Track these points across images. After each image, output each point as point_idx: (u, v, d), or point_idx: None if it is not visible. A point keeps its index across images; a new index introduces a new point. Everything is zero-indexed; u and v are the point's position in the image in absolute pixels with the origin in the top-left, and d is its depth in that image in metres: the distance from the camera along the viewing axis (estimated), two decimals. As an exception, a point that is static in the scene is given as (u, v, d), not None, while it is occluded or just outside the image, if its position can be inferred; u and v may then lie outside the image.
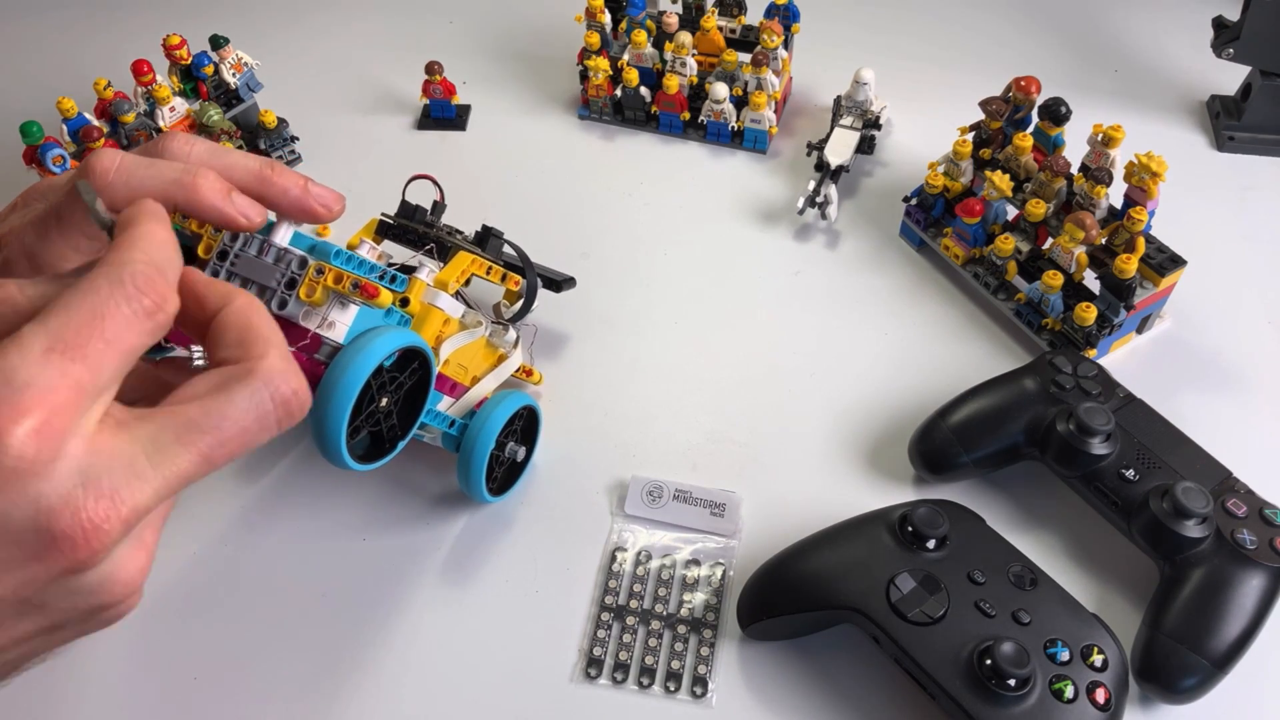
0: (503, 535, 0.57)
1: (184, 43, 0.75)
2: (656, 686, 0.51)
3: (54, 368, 0.27)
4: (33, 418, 0.27)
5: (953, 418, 0.57)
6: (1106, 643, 0.47)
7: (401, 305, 0.47)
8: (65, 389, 0.27)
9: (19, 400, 0.27)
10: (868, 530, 0.51)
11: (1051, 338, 0.63)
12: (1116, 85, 0.84)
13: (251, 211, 0.37)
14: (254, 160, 0.39)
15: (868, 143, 0.76)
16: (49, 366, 0.27)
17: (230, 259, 0.41)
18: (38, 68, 0.89)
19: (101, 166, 0.35)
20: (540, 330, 0.66)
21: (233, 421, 0.30)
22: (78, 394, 0.28)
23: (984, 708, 0.44)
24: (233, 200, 0.37)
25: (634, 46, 0.78)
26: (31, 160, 0.69)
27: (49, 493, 0.27)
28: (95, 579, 0.29)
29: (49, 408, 0.27)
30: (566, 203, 0.76)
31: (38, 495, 0.27)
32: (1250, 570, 0.49)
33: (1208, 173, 0.76)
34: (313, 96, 0.84)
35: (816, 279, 0.70)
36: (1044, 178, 0.64)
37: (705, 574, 0.55)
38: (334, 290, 0.40)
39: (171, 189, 0.36)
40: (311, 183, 0.39)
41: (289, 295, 0.40)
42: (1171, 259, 0.61)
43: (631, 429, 0.61)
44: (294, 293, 0.39)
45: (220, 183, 0.37)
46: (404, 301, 0.47)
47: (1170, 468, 0.53)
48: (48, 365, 0.27)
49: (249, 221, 0.37)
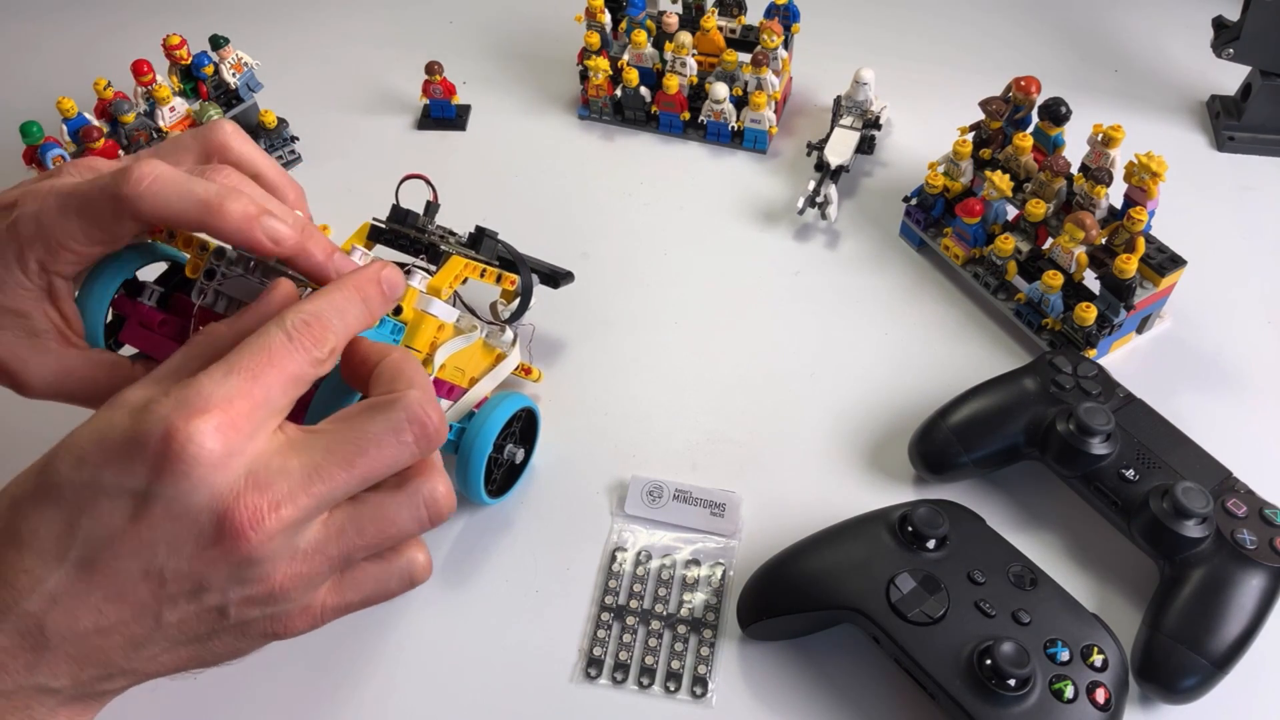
0: (502, 536, 0.57)
1: (184, 43, 0.75)
2: (656, 686, 0.51)
3: (232, 384, 0.33)
4: (214, 418, 0.32)
5: (953, 418, 0.57)
6: (1106, 643, 0.47)
7: (394, 313, 0.47)
8: (241, 400, 0.33)
9: (204, 404, 0.32)
10: (868, 530, 0.51)
11: (1051, 338, 0.63)
12: (1116, 85, 0.84)
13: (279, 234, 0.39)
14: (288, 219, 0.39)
15: (868, 143, 0.76)
16: (228, 383, 0.33)
17: (218, 278, 0.41)
18: (38, 68, 0.89)
19: (137, 175, 0.37)
20: (539, 331, 0.66)
21: (372, 438, 0.35)
22: (251, 406, 0.33)
23: (984, 708, 0.44)
24: (260, 223, 0.38)
25: (634, 46, 0.78)
26: (31, 160, 0.69)
27: (222, 483, 0.32)
28: (255, 571, 0.33)
29: (229, 413, 0.32)
30: (566, 203, 0.76)
31: (214, 483, 0.32)
32: (1250, 570, 0.49)
33: (1208, 173, 0.76)
34: (313, 96, 0.84)
35: (816, 279, 0.70)
36: (1044, 178, 0.64)
37: (705, 574, 0.55)
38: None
39: (198, 209, 0.38)
40: (339, 254, 0.41)
41: None
42: (1171, 259, 0.61)
43: (631, 429, 0.61)
44: None
45: (249, 206, 0.38)
46: (397, 310, 0.47)
47: (1170, 468, 0.53)
48: (227, 382, 0.33)
49: (276, 245, 0.39)
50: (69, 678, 0.33)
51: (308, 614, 0.36)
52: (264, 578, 0.34)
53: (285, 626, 0.36)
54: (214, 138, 0.42)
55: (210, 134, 0.42)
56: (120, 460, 0.32)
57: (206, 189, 0.38)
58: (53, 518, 0.33)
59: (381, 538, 0.36)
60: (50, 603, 0.32)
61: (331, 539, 0.35)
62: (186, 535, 0.33)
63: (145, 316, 0.44)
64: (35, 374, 0.41)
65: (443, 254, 0.52)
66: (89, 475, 0.32)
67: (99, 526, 0.32)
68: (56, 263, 0.39)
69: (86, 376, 0.42)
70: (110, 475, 0.32)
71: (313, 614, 0.36)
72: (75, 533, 0.32)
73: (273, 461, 0.33)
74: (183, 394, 0.32)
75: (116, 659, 0.34)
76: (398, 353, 0.38)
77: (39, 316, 0.41)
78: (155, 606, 0.34)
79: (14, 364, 0.41)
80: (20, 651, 0.32)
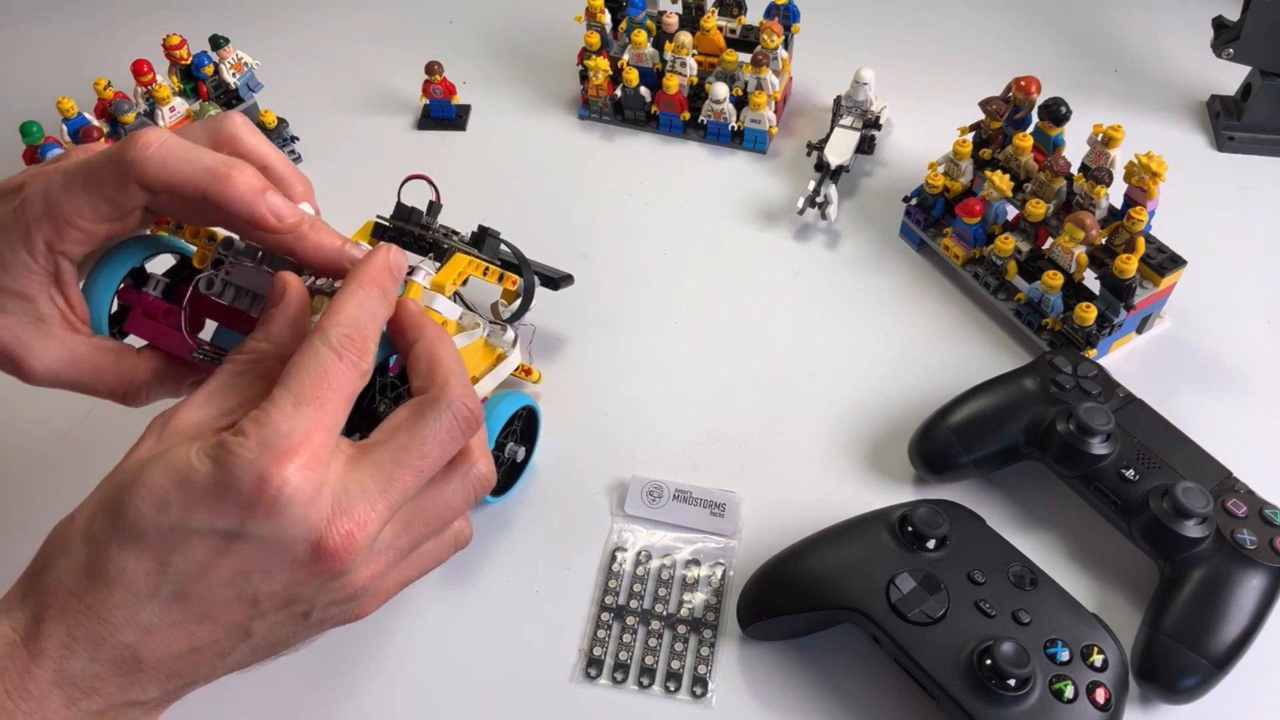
0: (502, 535, 0.57)
1: (184, 43, 0.75)
2: (656, 686, 0.51)
3: (304, 416, 0.34)
4: (301, 457, 0.33)
5: (953, 418, 0.57)
6: (1106, 643, 0.47)
7: None
8: (317, 433, 0.34)
9: (288, 445, 0.33)
10: (868, 530, 0.51)
11: (1051, 338, 0.63)
12: (1116, 85, 0.84)
13: (284, 210, 0.39)
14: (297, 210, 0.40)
15: (868, 143, 0.76)
16: (301, 416, 0.34)
17: (225, 268, 0.41)
18: (38, 68, 0.89)
19: (144, 140, 0.37)
20: (540, 330, 0.66)
21: (430, 440, 0.37)
22: (325, 436, 0.34)
23: (984, 708, 0.44)
24: (265, 198, 0.38)
25: (634, 46, 0.78)
26: (31, 160, 0.69)
27: (315, 516, 0.34)
28: (342, 581, 0.36)
29: (310, 448, 0.34)
30: (566, 203, 0.76)
31: (307, 517, 0.34)
32: (1250, 570, 0.49)
33: (1208, 173, 0.76)
34: (313, 96, 0.84)
35: (816, 279, 0.70)
36: (1044, 178, 0.64)
37: (705, 574, 0.55)
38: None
39: (204, 177, 0.38)
40: (349, 244, 0.41)
41: None
42: (1171, 259, 0.61)
43: (631, 429, 0.61)
44: None
45: (256, 179, 0.38)
46: None
47: (1170, 468, 0.53)
48: (299, 415, 0.34)
49: (279, 221, 0.39)
50: (158, 690, 0.35)
51: (377, 599, 0.39)
52: (349, 583, 0.36)
53: (357, 614, 0.39)
54: (224, 129, 0.42)
55: (220, 126, 0.42)
56: (210, 504, 0.33)
57: (214, 158, 0.38)
58: (140, 557, 0.33)
59: (440, 523, 0.39)
60: (145, 633, 0.34)
61: (401, 534, 0.38)
62: (281, 563, 0.34)
63: (150, 307, 0.44)
64: (39, 360, 0.41)
65: (446, 251, 0.52)
66: (176, 519, 0.33)
67: (191, 563, 0.34)
68: (63, 241, 0.39)
69: (90, 363, 0.42)
70: (200, 518, 0.33)
71: (380, 597, 0.39)
72: (166, 570, 0.34)
73: (349, 482, 0.35)
74: (262, 434, 0.33)
75: (203, 669, 0.36)
76: (431, 331, 0.40)
77: (44, 301, 0.40)
78: (246, 623, 0.36)
79: (17, 349, 0.41)
80: (114, 677, 0.34)
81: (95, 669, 0.33)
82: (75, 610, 0.33)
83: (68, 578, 0.34)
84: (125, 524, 0.33)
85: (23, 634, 0.33)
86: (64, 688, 0.33)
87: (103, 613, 0.33)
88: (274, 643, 0.37)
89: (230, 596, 0.35)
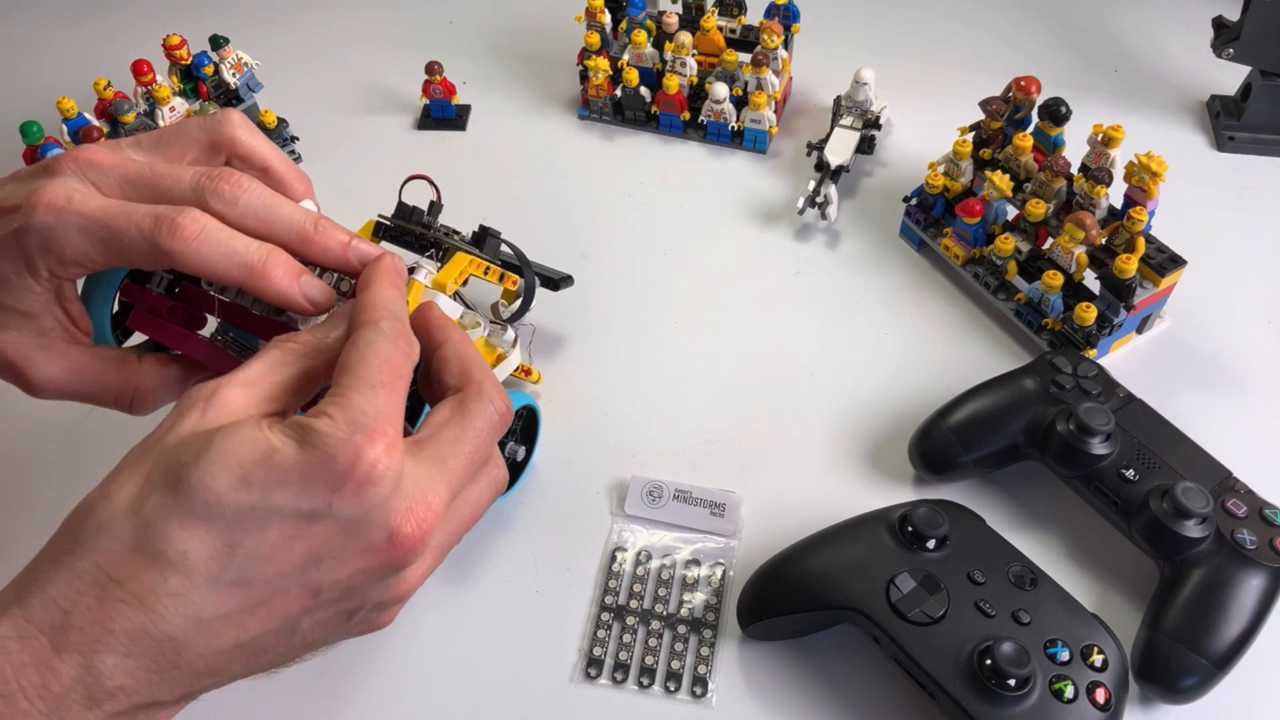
0: (502, 535, 0.57)
1: (184, 43, 0.75)
2: (656, 686, 0.51)
3: (382, 399, 0.34)
4: (385, 438, 0.33)
5: (953, 418, 0.57)
6: (1106, 643, 0.47)
7: None
8: (395, 414, 0.34)
9: (375, 426, 0.33)
10: (868, 530, 0.51)
11: (1051, 338, 0.63)
12: (1116, 85, 0.84)
13: (318, 296, 0.40)
14: (299, 216, 0.40)
15: (868, 143, 0.76)
16: (379, 399, 0.34)
17: None
18: (38, 68, 0.89)
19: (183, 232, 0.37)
20: (540, 330, 0.66)
21: (478, 430, 0.37)
22: (400, 417, 0.34)
23: (984, 708, 0.44)
24: (300, 284, 0.39)
25: (634, 46, 0.78)
26: (31, 160, 0.69)
27: (396, 502, 0.34)
28: (399, 577, 0.36)
29: (392, 430, 0.33)
30: (566, 203, 0.76)
31: (390, 502, 0.33)
32: (1250, 570, 0.49)
33: (1208, 173, 0.76)
34: (313, 96, 0.84)
35: (816, 279, 0.70)
36: (1044, 178, 0.64)
37: (705, 574, 0.55)
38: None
39: (241, 272, 0.38)
40: (356, 240, 0.41)
41: None
42: (1171, 259, 0.61)
43: (631, 429, 0.61)
44: None
45: (291, 267, 0.39)
46: None
47: (1170, 468, 0.53)
48: (377, 398, 0.34)
49: (315, 308, 0.40)
50: (183, 689, 0.33)
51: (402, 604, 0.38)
52: (402, 580, 0.36)
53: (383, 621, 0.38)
54: (223, 130, 0.42)
55: (218, 126, 0.42)
56: (298, 484, 0.32)
57: (248, 250, 0.38)
58: (207, 538, 0.31)
59: (470, 523, 0.39)
60: (193, 624, 0.32)
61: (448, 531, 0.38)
62: (355, 549, 0.34)
63: (153, 303, 0.44)
64: (42, 373, 0.41)
65: (448, 250, 0.52)
66: (257, 498, 0.32)
67: (263, 546, 0.32)
68: (68, 272, 0.39)
69: (94, 374, 0.42)
70: (284, 497, 0.32)
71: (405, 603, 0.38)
72: (234, 553, 0.32)
73: (417, 472, 0.35)
74: (349, 415, 0.33)
75: (234, 668, 0.34)
76: (456, 335, 0.40)
77: (46, 317, 0.40)
78: (299, 616, 0.34)
79: (21, 363, 0.40)
80: (147, 674, 0.32)
81: (128, 665, 0.31)
82: (116, 599, 0.31)
83: (108, 562, 0.31)
84: (193, 502, 0.31)
85: (43, 626, 0.30)
86: (88, 685, 0.30)
87: (150, 601, 0.31)
88: (311, 643, 0.36)
89: (294, 584, 0.33)
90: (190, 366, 0.45)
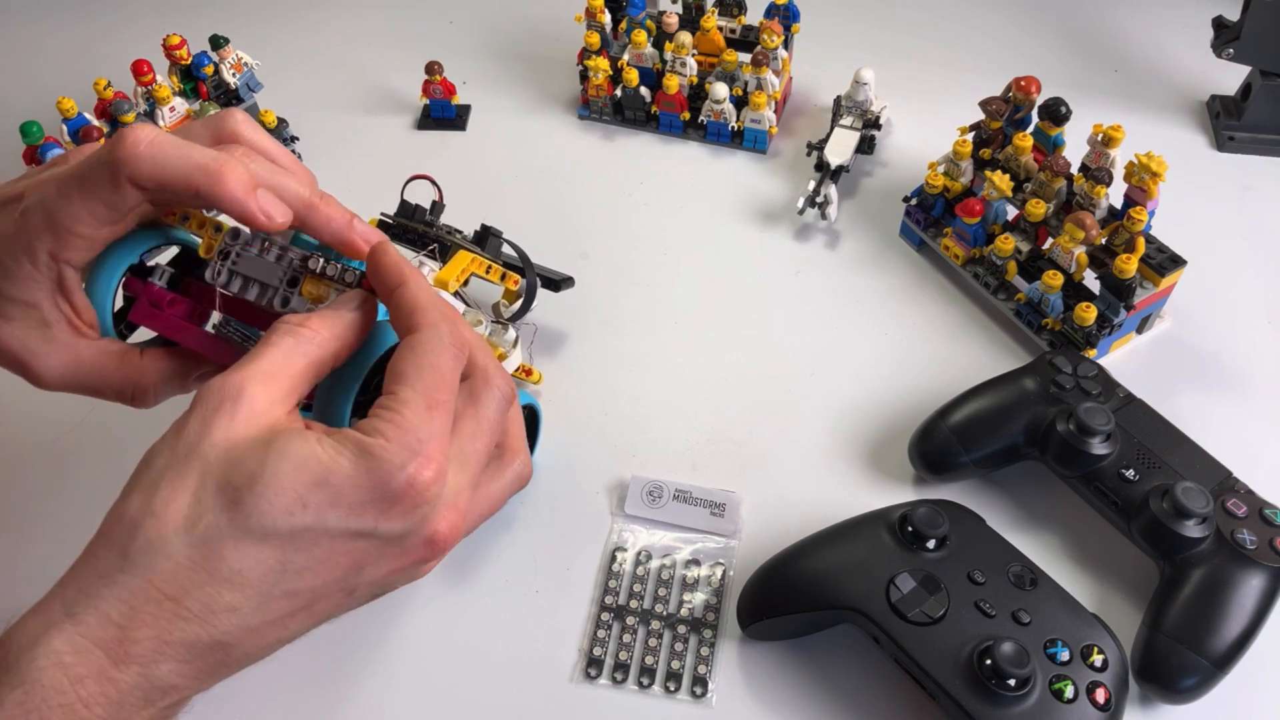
0: (502, 535, 0.57)
1: (184, 43, 0.75)
2: (656, 686, 0.51)
3: (435, 421, 0.35)
4: (436, 462, 0.34)
5: (953, 418, 0.57)
6: (1106, 643, 0.47)
7: None
8: (443, 435, 0.35)
9: (428, 452, 0.34)
10: (868, 530, 0.51)
11: (1051, 338, 0.63)
12: (1116, 85, 0.84)
13: (273, 210, 0.39)
14: (304, 190, 0.40)
15: (868, 143, 0.76)
16: (433, 420, 0.35)
17: (232, 258, 0.41)
18: (38, 68, 0.89)
19: (133, 138, 0.37)
20: (540, 330, 0.66)
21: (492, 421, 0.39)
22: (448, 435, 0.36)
23: (984, 708, 0.44)
24: (257, 196, 0.38)
25: (634, 46, 0.78)
26: (31, 160, 0.69)
27: (435, 516, 0.36)
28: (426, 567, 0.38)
29: (443, 453, 0.35)
30: (566, 203, 0.76)
31: (428, 517, 0.35)
32: (1250, 570, 0.49)
33: (1208, 173, 0.76)
34: (313, 96, 0.84)
35: (816, 279, 0.70)
36: (1044, 178, 0.64)
37: (705, 574, 0.55)
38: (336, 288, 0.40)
39: (197, 174, 0.37)
40: (358, 220, 0.41)
41: (291, 293, 0.40)
42: (1171, 259, 0.61)
43: (631, 429, 0.61)
44: (296, 290, 0.40)
45: (246, 175, 0.38)
46: None
47: (1170, 468, 0.53)
48: (432, 420, 0.35)
49: (269, 220, 0.39)
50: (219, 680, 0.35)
51: None
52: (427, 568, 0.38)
53: None
54: (225, 127, 0.42)
55: (221, 123, 0.42)
56: (349, 506, 0.33)
57: (205, 154, 0.37)
58: (261, 557, 0.33)
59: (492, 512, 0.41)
60: (244, 632, 0.34)
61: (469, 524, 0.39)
62: (395, 556, 0.36)
63: (155, 296, 0.44)
64: (46, 365, 0.41)
65: (450, 248, 0.52)
66: (312, 520, 0.33)
67: (312, 561, 0.34)
68: (65, 250, 0.39)
69: (97, 366, 0.42)
70: (337, 518, 0.33)
71: None
72: (286, 569, 0.33)
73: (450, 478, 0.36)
74: (404, 439, 0.34)
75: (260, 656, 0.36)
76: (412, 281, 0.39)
77: (49, 308, 0.40)
78: (332, 612, 0.36)
79: (26, 356, 0.41)
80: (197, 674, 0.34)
81: (182, 669, 0.33)
82: (173, 614, 0.32)
83: (163, 580, 0.32)
84: (249, 525, 0.32)
85: (99, 641, 0.31)
86: (145, 690, 0.32)
87: (205, 615, 0.32)
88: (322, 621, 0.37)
89: (335, 589, 0.35)
90: (190, 361, 0.45)
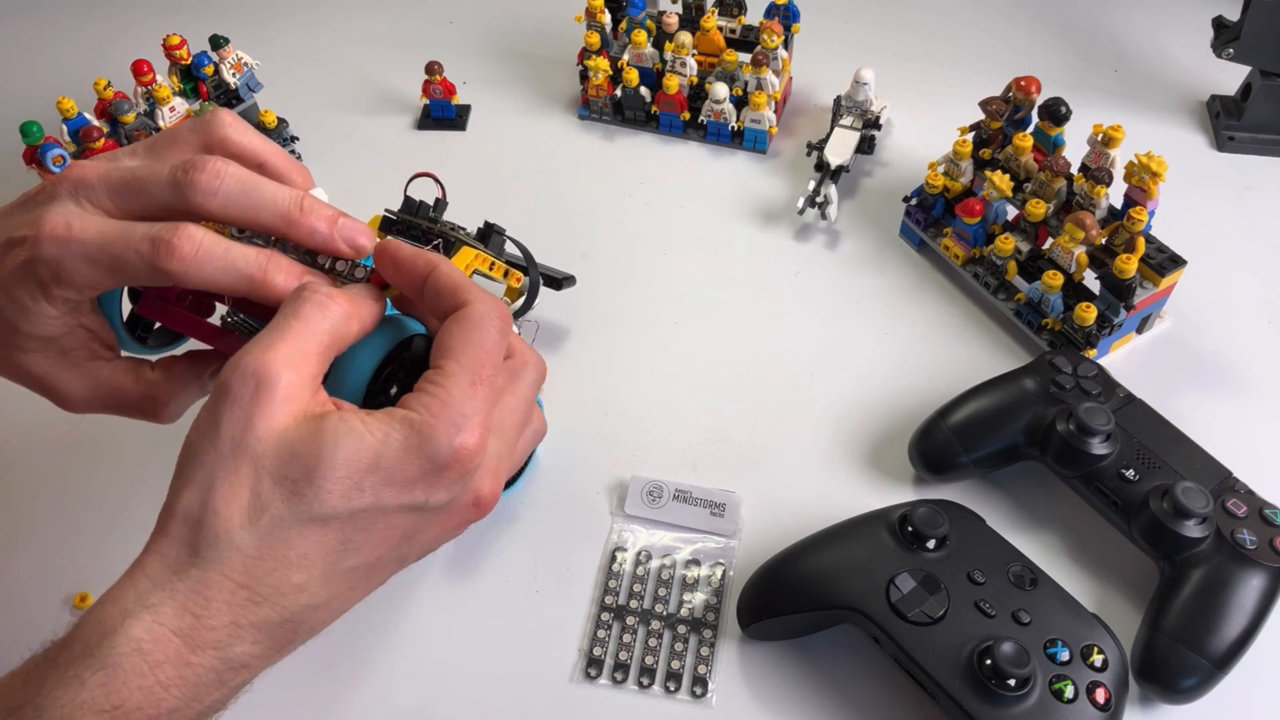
0: (502, 535, 0.57)
1: (184, 43, 0.75)
2: (656, 686, 0.51)
3: (479, 397, 0.36)
4: (477, 434, 0.36)
5: (953, 418, 0.57)
6: (1106, 643, 0.47)
7: None
8: (486, 410, 0.37)
9: (470, 426, 0.36)
10: (868, 530, 0.51)
11: (1051, 338, 0.63)
12: (1116, 85, 0.84)
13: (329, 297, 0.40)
14: (281, 198, 0.39)
15: (868, 143, 0.76)
16: (477, 397, 0.36)
17: None
18: (38, 68, 0.89)
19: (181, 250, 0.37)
20: (541, 329, 0.66)
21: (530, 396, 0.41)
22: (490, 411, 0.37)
23: (984, 708, 0.44)
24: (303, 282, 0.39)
25: (634, 46, 0.78)
26: (31, 160, 0.69)
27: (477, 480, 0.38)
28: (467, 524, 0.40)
29: (484, 427, 0.37)
30: (566, 203, 0.76)
31: (471, 482, 0.38)
32: (1250, 570, 0.49)
33: (1208, 173, 0.76)
34: (313, 96, 0.84)
35: (816, 279, 0.70)
36: (1044, 178, 0.64)
37: (705, 574, 0.55)
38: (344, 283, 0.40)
39: (244, 284, 0.38)
40: (343, 219, 0.40)
41: None
42: (1171, 259, 0.61)
43: (631, 429, 0.61)
44: None
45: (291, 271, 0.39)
46: None
47: (1170, 468, 0.53)
48: (476, 395, 0.36)
49: None
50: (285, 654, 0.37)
51: None
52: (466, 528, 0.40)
53: None
54: (214, 132, 0.41)
55: (209, 128, 0.41)
56: (403, 484, 0.35)
57: (247, 262, 0.38)
58: (324, 539, 0.35)
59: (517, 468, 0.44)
60: (312, 609, 0.36)
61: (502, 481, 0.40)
62: (444, 520, 0.38)
63: (162, 289, 0.44)
64: (71, 390, 0.42)
65: (454, 245, 0.52)
66: (369, 501, 0.35)
67: (371, 536, 0.36)
68: (82, 295, 0.40)
69: (114, 385, 0.43)
70: (392, 495, 0.35)
71: None
72: (347, 547, 0.35)
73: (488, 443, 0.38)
74: (450, 415, 0.35)
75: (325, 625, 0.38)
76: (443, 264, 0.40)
77: (66, 338, 0.41)
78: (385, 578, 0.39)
79: (51, 382, 0.42)
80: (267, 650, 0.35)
81: (256, 649, 0.35)
82: (246, 600, 0.34)
83: (233, 570, 0.34)
84: (311, 512, 0.34)
85: (176, 629, 0.33)
86: (219, 671, 0.34)
87: (276, 597, 0.34)
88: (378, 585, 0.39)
89: (391, 558, 0.37)
90: (200, 363, 0.45)
